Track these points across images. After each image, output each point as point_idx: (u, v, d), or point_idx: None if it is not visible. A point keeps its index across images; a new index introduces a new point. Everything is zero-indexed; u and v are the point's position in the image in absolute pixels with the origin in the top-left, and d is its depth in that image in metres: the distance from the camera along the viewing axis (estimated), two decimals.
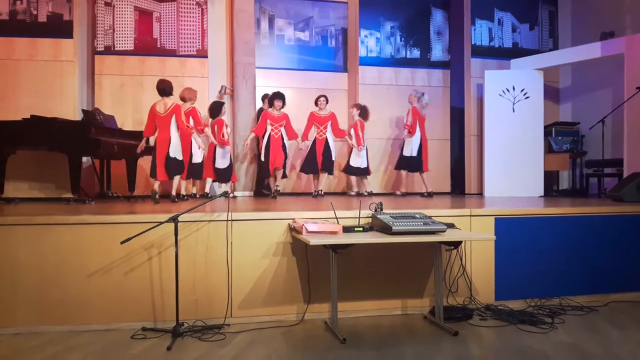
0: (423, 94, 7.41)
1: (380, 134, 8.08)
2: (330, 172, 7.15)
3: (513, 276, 3.94)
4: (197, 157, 6.27)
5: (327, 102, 7.08)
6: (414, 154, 7.23)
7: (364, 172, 7.23)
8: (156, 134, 5.65)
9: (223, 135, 6.59)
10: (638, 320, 3.58)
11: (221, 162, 6.62)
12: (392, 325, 3.48)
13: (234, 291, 3.50)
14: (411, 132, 7.18)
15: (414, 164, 7.26)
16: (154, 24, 7.41)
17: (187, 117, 6.00)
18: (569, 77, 8.50)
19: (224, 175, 6.66)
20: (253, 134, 6.83)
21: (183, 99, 6.25)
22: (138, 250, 3.39)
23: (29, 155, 6.14)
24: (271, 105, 6.79)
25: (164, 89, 5.67)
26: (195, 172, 6.29)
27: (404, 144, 7.33)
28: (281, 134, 6.71)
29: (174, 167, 5.63)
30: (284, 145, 6.72)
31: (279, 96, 6.77)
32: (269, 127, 6.68)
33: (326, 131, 7.02)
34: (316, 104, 7.11)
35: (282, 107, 6.78)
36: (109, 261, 3.37)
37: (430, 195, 7.14)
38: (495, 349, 2.98)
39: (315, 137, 7.04)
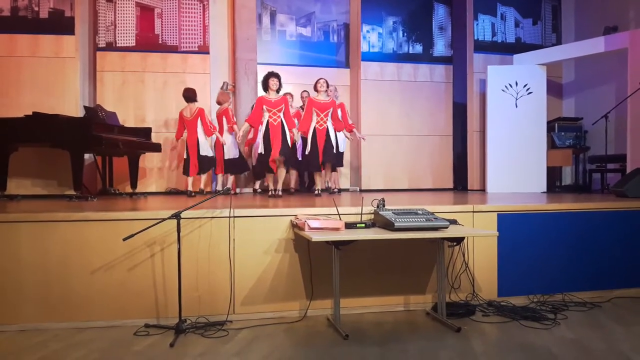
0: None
1: (382, 131, 8.05)
2: (337, 165, 6.32)
3: (516, 272, 3.94)
4: (230, 153, 6.63)
5: (327, 86, 6.18)
6: (343, 149, 6.81)
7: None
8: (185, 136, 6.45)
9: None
10: None
11: None
12: (395, 321, 3.48)
13: (237, 288, 3.50)
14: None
15: (341, 160, 6.83)
16: (155, 20, 7.40)
17: (220, 116, 6.68)
18: (572, 72, 8.46)
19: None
20: (247, 124, 5.98)
21: (219, 102, 6.81)
22: (141, 247, 3.39)
23: (31, 152, 6.14)
24: (266, 88, 5.83)
25: (189, 96, 6.43)
26: (228, 167, 6.70)
27: (337, 141, 6.36)
28: (281, 120, 5.77)
29: (205, 163, 6.44)
30: (284, 134, 5.75)
31: (273, 74, 5.81)
32: (266, 114, 5.75)
33: (327, 119, 6.09)
34: (315, 88, 6.17)
35: (279, 88, 5.85)
36: (112, 258, 3.38)
37: (340, 192, 6.73)
38: (498, 345, 2.98)
39: (314, 127, 6.07)
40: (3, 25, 6.70)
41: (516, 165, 7.31)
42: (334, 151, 6.19)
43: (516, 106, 7.44)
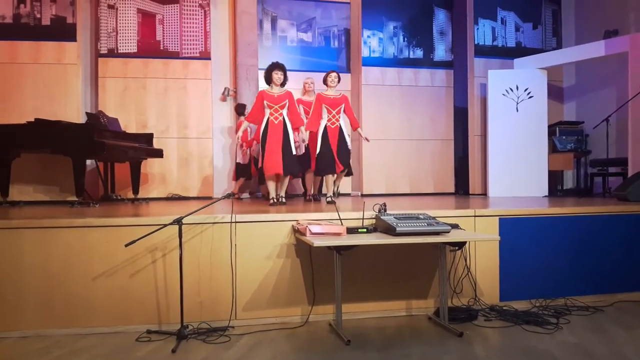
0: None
1: (383, 135, 8.05)
2: (350, 172, 5.68)
3: (518, 276, 3.93)
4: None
5: (339, 81, 5.55)
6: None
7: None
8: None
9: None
10: None
11: None
12: (397, 326, 3.47)
13: (239, 293, 3.50)
14: None
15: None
16: (157, 26, 7.43)
17: None
18: (572, 76, 8.46)
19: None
20: (246, 123, 5.39)
21: None
22: (143, 252, 3.40)
23: (33, 159, 6.16)
24: (269, 81, 5.22)
25: (239, 111, 7.14)
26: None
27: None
28: (283, 118, 5.11)
29: (240, 170, 6.93)
30: (286, 137, 5.07)
31: (277, 66, 5.19)
32: (267, 111, 5.12)
33: (339, 117, 5.46)
34: (325, 82, 5.55)
35: (284, 82, 5.22)
36: (114, 264, 3.38)
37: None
38: (500, 350, 2.97)
39: (325, 126, 5.42)
40: (5, 32, 6.74)
41: (517, 169, 7.31)
42: (349, 153, 5.52)
43: (517, 110, 7.44)
